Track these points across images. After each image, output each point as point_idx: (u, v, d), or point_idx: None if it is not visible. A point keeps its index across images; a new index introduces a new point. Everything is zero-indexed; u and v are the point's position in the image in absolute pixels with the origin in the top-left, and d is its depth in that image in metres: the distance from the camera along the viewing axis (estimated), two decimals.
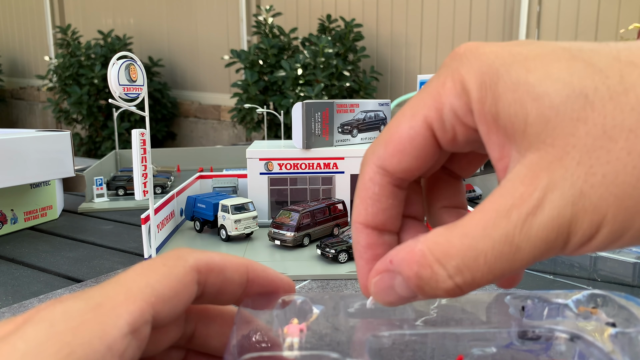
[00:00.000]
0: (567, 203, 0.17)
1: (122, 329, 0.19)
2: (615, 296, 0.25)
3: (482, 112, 0.19)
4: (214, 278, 0.23)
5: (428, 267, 0.19)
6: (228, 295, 0.24)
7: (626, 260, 0.58)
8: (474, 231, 0.18)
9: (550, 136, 0.17)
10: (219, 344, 0.26)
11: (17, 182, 0.82)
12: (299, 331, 0.25)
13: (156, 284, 0.21)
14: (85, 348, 0.18)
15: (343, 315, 0.26)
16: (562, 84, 0.17)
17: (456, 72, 0.20)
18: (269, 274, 0.25)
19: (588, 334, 0.24)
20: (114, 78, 0.60)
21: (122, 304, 0.19)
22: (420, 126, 0.20)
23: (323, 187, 0.88)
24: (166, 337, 0.24)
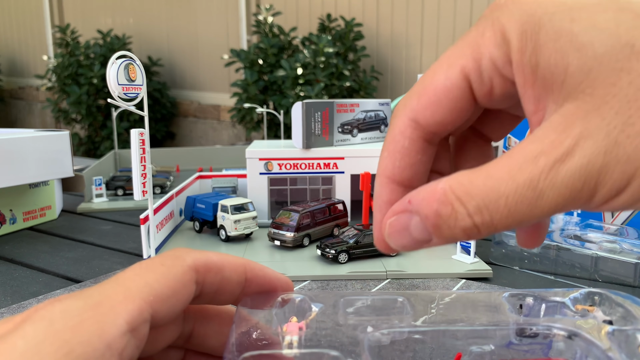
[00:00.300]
0: (599, 152, 0.16)
1: (121, 327, 0.19)
2: (612, 294, 0.25)
3: (521, 62, 0.18)
4: (212, 277, 0.23)
5: (449, 204, 0.18)
6: (226, 295, 0.24)
7: (627, 261, 0.58)
8: (498, 174, 0.18)
9: (590, 86, 0.17)
10: (217, 343, 0.26)
11: (16, 182, 0.82)
12: (298, 329, 0.25)
13: (155, 283, 0.21)
14: (85, 346, 0.18)
15: (342, 313, 0.26)
16: (607, 34, 0.17)
17: (497, 21, 0.19)
18: (267, 273, 0.25)
19: (586, 332, 0.24)
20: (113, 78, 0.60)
21: (121, 303, 0.19)
22: (457, 77, 0.20)
23: (323, 187, 0.87)
24: (164, 337, 0.24)
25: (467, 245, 0.67)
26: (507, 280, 0.63)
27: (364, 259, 0.70)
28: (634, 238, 0.65)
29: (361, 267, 0.67)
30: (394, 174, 0.22)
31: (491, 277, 0.63)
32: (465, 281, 0.62)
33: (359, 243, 0.69)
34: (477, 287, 0.61)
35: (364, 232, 0.70)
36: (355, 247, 0.69)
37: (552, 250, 0.63)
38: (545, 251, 0.64)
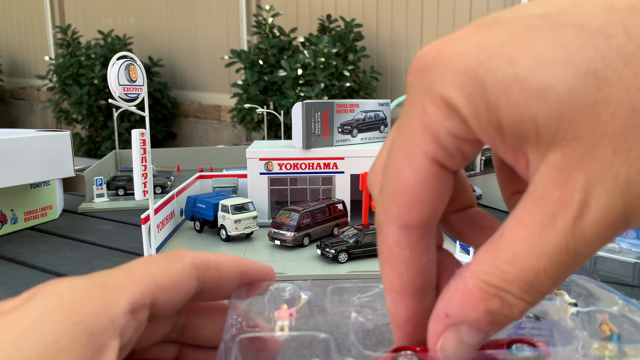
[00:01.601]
0: (616, 196, 0.15)
1: (123, 307, 0.20)
2: (577, 279, 0.27)
3: (480, 126, 0.16)
4: (212, 274, 0.24)
5: (494, 298, 0.17)
6: (224, 290, 0.26)
7: (626, 261, 0.58)
8: (523, 250, 0.16)
9: (570, 131, 0.15)
10: (211, 333, 0.27)
11: (17, 182, 0.82)
12: (288, 315, 0.26)
13: (156, 273, 0.22)
14: (91, 319, 0.19)
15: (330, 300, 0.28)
16: (559, 65, 0.14)
17: (431, 92, 0.17)
18: (255, 266, 0.27)
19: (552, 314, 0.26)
20: (114, 78, 0.60)
21: (124, 286, 0.21)
22: (425, 165, 0.18)
23: (323, 187, 0.88)
24: (159, 329, 0.25)
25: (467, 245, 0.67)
26: None
27: (363, 258, 0.70)
28: (633, 238, 0.65)
29: (361, 266, 0.67)
30: (405, 289, 0.20)
31: None
32: None
33: (359, 243, 0.70)
34: None
35: (364, 232, 0.71)
36: (355, 247, 0.69)
37: None
38: None
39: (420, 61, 0.17)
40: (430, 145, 0.17)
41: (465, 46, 0.16)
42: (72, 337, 0.18)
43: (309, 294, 0.28)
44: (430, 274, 0.20)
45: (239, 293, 0.26)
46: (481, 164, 0.98)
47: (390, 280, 0.20)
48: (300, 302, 0.27)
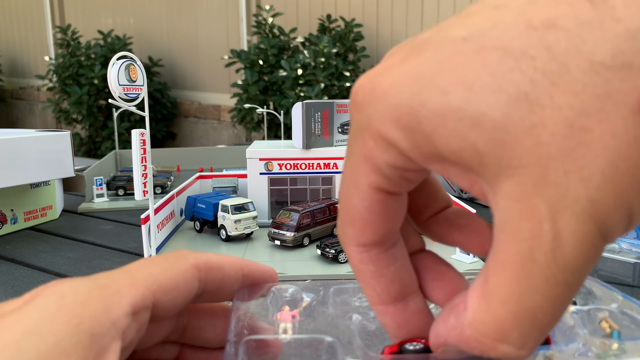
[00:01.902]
0: (584, 219, 0.14)
1: (125, 309, 0.20)
2: None
3: (423, 157, 0.16)
4: (214, 275, 0.24)
5: (493, 350, 0.16)
6: (227, 291, 0.26)
7: (626, 261, 0.58)
8: (510, 294, 0.16)
9: (514, 158, 0.14)
10: (212, 335, 0.27)
11: (17, 182, 0.82)
12: (291, 317, 0.26)
13: (158, 275, 0.22)
14: (93, 321, 0.19)
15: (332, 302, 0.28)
16: (490, 92, 0.14)
17: (369, 127, 0.17)
18: (258, 268, 0.27)
19: None
20: (113, 78, 0.60)
21: (126, 287, 0.21)
22: (370, 194, 0.18)
23: (323, 187, 0.88)
24: (160, 330, 0.25)
25: None
26: None
27: None
28: (633, 238, 0.65)
29: None
30: (383, 299, 0.20)
31: None
32: None
33: None
34: None
35: None
36: None
37: None
38: None
39: (357, 94, 0.17)
40: (372, 176, 0.18)
41: (397, 78, 0.16)
42: (73, 339, 0.18)
43: (311, 295, 0.29)
44: (405, 279, 0.20)
45: (241, 295, 0.26)
46: None
47: (368, 295, 0.21)
48: (302, 303, 0.28)
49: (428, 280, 0.22)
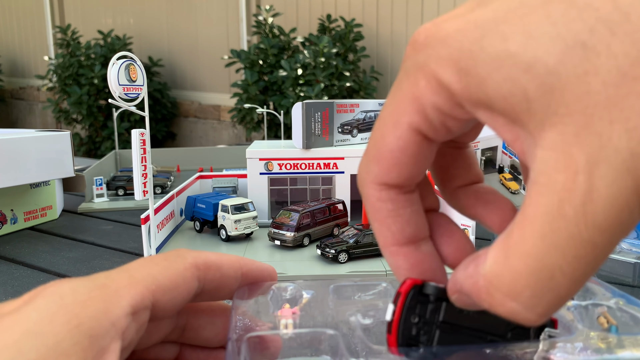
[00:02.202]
0: (622, 172, 0.14)
1: (124, 309, 0.20)
2: None
3: (471, 101, 0.16)
4: (213, 274, 0.24)
5: (501, 305, 0.16)
6: (226, 290, 0.26)
7: (626, 261, 0.58)
8: (533, 246, 0.15)
9: (562, 104, 0.14)
10: (211, 334, 0.27)
11: (17, 182, 0.82)
12: (291, 314, 0.27)
13: (157, 275, 0.22)
14: (92, 321, 0.19)
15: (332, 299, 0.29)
16: (549, 39, 0.14)
17: (426, 67, 0.17)
18: (257, 266, 0.27)
19: None
20: (113, 78, 0.60)
21: (125, 288, 0.21)
22: (408, 134, 0.18)
23: (323, 187, 0.88)
24: (159, 330, 0.25)
25: None
26: None
27: (363, 258, 0.70)
28: (633, 238, 0.65)
29: (361, 266, 0.67)
30: (397, 240, 0.20)
31: None
32: None
33: (359, 243, 0.70)
34: None
35: (364, 232, 0.71)
36: (355, 247, 0.69)
37: None
38: None
39: (420, 35, 0.18)
40: (415, 117, 0.18)
41: (462, 24, 0.17)
42: (73, 339, 0.18)
43: (311, 292, 0.29)
44: (419, 224, 0.21)
45: (241, 293, 0.27)
46: (481, 164, 0.99)
47: (382, 235, 0.21)
48: (302, 301, 0.28)
49: (438, 235, 0.22)
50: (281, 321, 0.26)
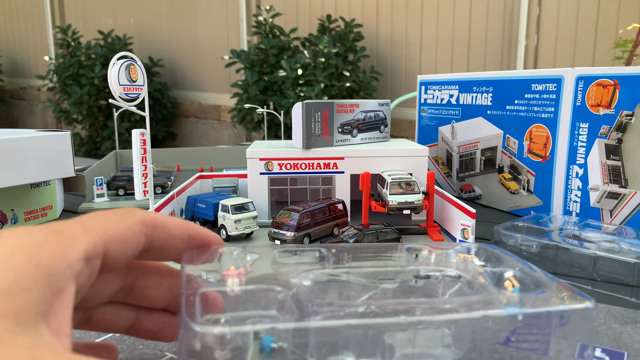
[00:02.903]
0: None
1: (79, 253, 0.21)
2: (486, 246, 0.36)
3: None
4: (160, 233, 0.26)
5: None
6: (172, 251, 0.27)
7: (626, 260, 0.58)
8: None
9: None
10: (157, 294, 0.29)
11: (17, 182, 0.82)
12: (238, 274, 0.29)
13: (109, 226, 0.24)
14: (50, 262, 0.20)
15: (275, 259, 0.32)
16: None
17: None
18: (205, 231, 0.29)
19: (467, 273, 0.33)
20: (114, 78, 0.60)
21: (80, 235, 0.22)
22: None
23: (323, 187, 0.88)
24: (108, 284, 0.27)
25: None
26: None
27: None
28: (633, 238, 0.65)
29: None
30: None
31: None
32: None
33: (359, 242, 0.70)
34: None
35: (364, 232, 0.71)
36: None
37: (551, 250, 0.64)
38: (544, 251, 0.64)
39: None
40: None
41: None
42: (33, 277, 0.19)
43: (256, 256, 0.32)
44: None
45: (189, 256, 0.29)
46: (481, 164, 0.99)
47: None
48: (248, 262, 0.31)
49: None
50: (228, 280, 0.28)
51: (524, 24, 2.79)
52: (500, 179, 0.94)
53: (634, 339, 0.47)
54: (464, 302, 0.28)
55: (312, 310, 0.25)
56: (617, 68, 0.73)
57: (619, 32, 2.52)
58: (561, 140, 0.81)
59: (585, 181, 0.78)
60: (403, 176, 0.78)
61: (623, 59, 2.01)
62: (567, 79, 0.79)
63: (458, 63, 3.02)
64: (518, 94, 0.88)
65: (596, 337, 0.47)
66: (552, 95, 0.82)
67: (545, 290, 0.29)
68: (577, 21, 2.68)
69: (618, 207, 0.75)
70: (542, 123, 0.84)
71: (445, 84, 1.04)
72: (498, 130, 0.93)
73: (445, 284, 0.33)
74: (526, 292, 0.29)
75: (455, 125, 1.03)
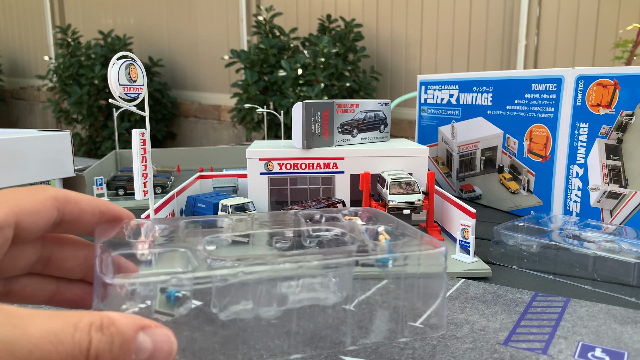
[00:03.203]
0: None
1: None
2: (369, 209, 0.45)
3: None
4: (71, 208, 0.28)
5: None
6: (84, 224, 0.30)
7: (626, 260, 0.58)
8: None
9: None
10: (74, 264, 0.31)
11: (17, 182, 0.82)
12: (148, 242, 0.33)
13: (20, 200, 0.25)
14: None
15: (182, 229, 0.36)
16: None
17: None
18: (115, 206, 0.32)
19: (351, 231, 0.40)
20: (114, 78, 0.60)
21: None
22: None
23: (323, 187, 0.88)
24: (24, 256, 0.28)
25: (467, 245, 0.67)
26: (507, 280, 0.63)
27: None
28: (633, 237, 0.65)
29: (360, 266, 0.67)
30: None
31: (490, 276, 0.64)
32: (464, 280, 0.63)
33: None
34: (476, 286, 0.61)
35: None
36: None
37: (551, 250, 0.64)
38: (544, 251, 0.64)
39: None
40: None
41: None
42: None
43: (164, 226, 0.36)
44: None
45: (102, 229, 0.31)
46: (481, 164, 0.99)
47: None
48: (156, 232, 0.34)
49: None
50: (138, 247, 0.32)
51: (524, 24, 2.79)
52: (500, 179, 0.94)
53: (634, 339, 0.47)
54: (343, 251, 0.34)
55: (210, 265, 0.29)
56: (617, 68, 0.73)
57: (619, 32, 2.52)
58: (561, 140, 0.81)
59: (585, 181, 0.78)
60: (403, 176, 0.78)
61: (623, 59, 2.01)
62: (567, 79, 0.79)
63: (458, 63, 3.02)
64: (518, 94, 0.88)
65: (596, 337, 0.47)
66: (552, 95, 0.82)
67: (409, 240, 0.37)
68: (577, 21, 2.68)
69: (618, 207, 0.75)
70: (542, 123, 0.84)
71: (445, 84, 1.04)
72: (498, 130, 0.93)
73: (331, 241, 0.40)
74: (394, 243, 0.37)
75: (455, 125, 1.03)
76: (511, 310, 0.54)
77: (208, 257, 0.30)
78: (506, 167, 0.93)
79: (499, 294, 0.58)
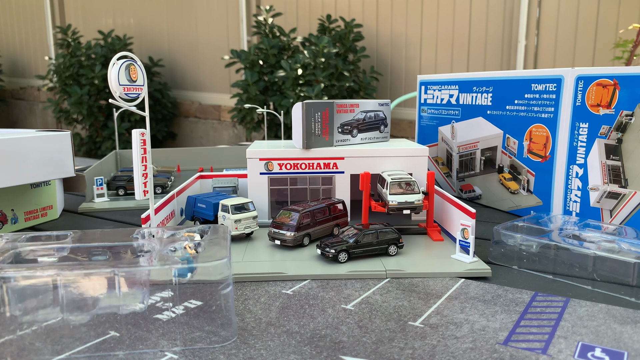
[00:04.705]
0: None
1: None
2: (213, 226, 0.56)
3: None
4: None
5: None
6: None
7: (626, 260, 0.58)
8: None
9: None
10: None
11: (17, 182, 0.82)
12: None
13: None
14: None
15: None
16: None
17: None
18: None
19: (178, 246, 0.48)
20: (114, 78, 0.60)
21: None
22: None
23: (323, 187, 0.88)
24: None
25: (467, 244, 0.67)
26: (506, 280, 0.63)
27: (363, 258, 0.70)
28: (633, 237, 0.65)
29: (361, 266, 0.67)
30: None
31: (490, 276, 0.64)
32: (464, 280, 0.63)
33: (359, 242, 0.70)
34: (476, 286, 0.61)
35: (364, 232, 0.71)
36: (355, 247, 0.69)
37: (551, 250, 0.64)
38: (544, 251, 0.64)
39: None
40: None
41: None
42: None
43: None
44: None
45: None
46: (481, 164, 0.99)
47: None
48: None
49: None
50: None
51: (524, 24, 2.79)
52: (500, 179, 0.94)
53: (634, 338, 0.47)
54: (143, 262, 0.41)
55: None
56: (617, 68, 0.73)
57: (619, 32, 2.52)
58: (561, 140, 0.81)
59: (585, 181, 0.78)
60: (403, 176, 0.78)
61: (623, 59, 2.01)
62: (567, 79, 0.79)
63: (458, 63, 3.02)
64: (518, 94, 0.88)
65: (596, 337, 0.47)
66: (552, 95, 0.82)
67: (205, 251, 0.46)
68: (577, 21, 2.68)
69: (618, 207, 0.75)
70: (542, 123, 0.84)
71: (445, 84, 1.04)
72: (498, 130, 0.93)
73: (145, 254, 0.47)
74: (186, 256, 0.45)
75: (455, 125, 1.03)
76: (511, 310, 0.54)
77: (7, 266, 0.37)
78: (506, 167, 0.93)
79: (499, 293, 0.58)
